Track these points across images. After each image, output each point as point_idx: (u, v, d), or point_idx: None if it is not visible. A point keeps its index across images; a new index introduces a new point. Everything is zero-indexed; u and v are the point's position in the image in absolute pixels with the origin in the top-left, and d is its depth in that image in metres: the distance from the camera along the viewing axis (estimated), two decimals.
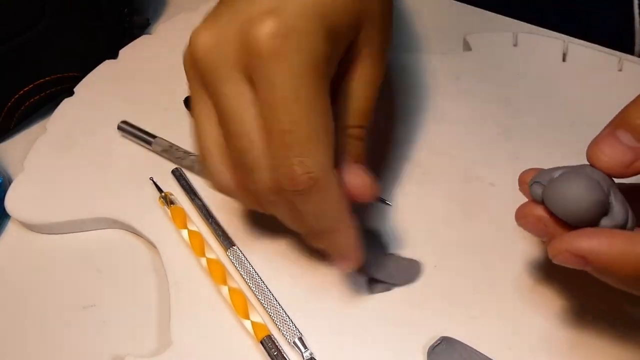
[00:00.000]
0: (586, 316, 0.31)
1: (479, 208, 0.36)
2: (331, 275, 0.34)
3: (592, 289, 0.30)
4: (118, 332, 0.34)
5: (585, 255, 0.23)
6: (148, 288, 0.35)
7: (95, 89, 0.45)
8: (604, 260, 0.23)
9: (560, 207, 0.24)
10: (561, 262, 0.24)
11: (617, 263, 0.23)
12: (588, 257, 0.23)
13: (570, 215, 0.24)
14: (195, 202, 0.37)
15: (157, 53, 0.47)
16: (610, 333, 0.31)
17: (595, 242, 0.23)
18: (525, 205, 0.27)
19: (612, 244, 0.23)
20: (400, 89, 0.42)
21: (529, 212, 0.26)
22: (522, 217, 0.27)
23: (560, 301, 0.32)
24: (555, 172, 0.26)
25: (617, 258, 0.23)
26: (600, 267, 0.24)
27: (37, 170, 0.40)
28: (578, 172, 0.25)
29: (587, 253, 0.23)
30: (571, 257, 0.24)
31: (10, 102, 0.43)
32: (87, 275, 0.36)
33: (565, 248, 0.24)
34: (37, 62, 0.44)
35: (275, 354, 0.31)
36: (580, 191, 0.24)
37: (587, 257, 0.23)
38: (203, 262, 0.34)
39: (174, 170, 0.39)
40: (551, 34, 0.45)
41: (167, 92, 0.44)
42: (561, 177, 0.25)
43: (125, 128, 0.42)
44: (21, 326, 0.35)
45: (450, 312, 0.32)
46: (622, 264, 0.23)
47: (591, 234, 0.24)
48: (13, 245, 0.39)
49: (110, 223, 0.38)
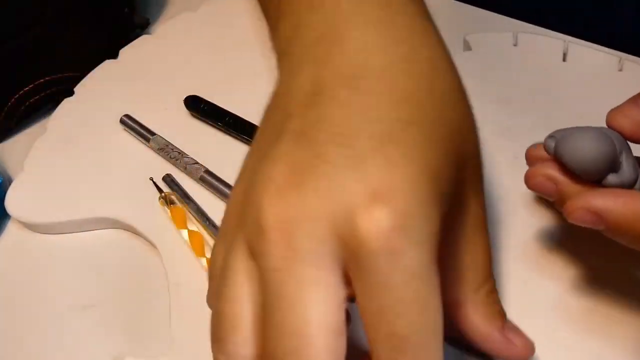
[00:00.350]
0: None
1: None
2: None
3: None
4: (118, 332, 0.34)
5: (600, 213, 0.24)
6: (148, 288, 0.35)
7: (95, 89, 0.45)
8: (618, 218, 0.24)
9: (570, 155, 0.25)
10: (576, 219, 0.25)
11: (630, 222, 0.24)
12: (603, 214, 0.24)
13: (579, 163, 0.25)
14: (191, 205, 0.37)
15: (157, 53, 0.47)
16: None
17: (610, 201, 0.24)
18: (535, 167, 0.27)
19: (627, 203, 0.24)
20: None
21: (538, 171, 0.27)
22: (531, 177, 0.27)
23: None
24: (562, 130, 0.27)
25: (630, 217, 0.24)
26: (614, 225, 0.24)
27: (37, 170, 0.40)
28: (593, 128, 0.26)
29: (603, 211, 0.24)
30: (587, 214, 0.25)
31: (10, 102, 0.43)
32: (87, 275, 0.36)
33: (582, 205, 0.25)
34: (37, 62, 0.44)
35: None
36: (592, 142, 0.25)
37: (602, 215, 0.24)
38: (203, 262, 0.34)
39: (164, 177, 0.39)
40: (551, 34, 0.45)
41: (167, 92, 0.44)
42: (576, 129, 0.26)
43: (127, 122, 0.42)
44: (21, 326, 0.35)
45: None
46: (635, 222, 0.24)
47: (607, 193, 0.25)
48: (13, 245, 0.39)
49: (110, 223, 0.38)
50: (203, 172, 0.39)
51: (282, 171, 0.22)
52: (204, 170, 0.39)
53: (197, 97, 0.43)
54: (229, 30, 0.49)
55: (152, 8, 0.53)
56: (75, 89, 0.45)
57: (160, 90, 0.45)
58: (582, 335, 0.30)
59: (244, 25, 0.50)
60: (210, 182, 0.38)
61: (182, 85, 0.44)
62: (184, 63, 0.47)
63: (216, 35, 0.49)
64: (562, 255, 0.33)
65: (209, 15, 0.51)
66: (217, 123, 0.42)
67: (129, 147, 0.41)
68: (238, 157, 0.41)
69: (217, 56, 0.47)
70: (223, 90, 0.44)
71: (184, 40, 0.49)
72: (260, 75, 0.45)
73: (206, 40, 0.48)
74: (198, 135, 0.42)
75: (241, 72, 0.46)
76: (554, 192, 0.27)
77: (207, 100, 0.43)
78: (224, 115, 0.42)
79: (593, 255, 0.32)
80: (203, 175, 0.38)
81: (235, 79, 0.45)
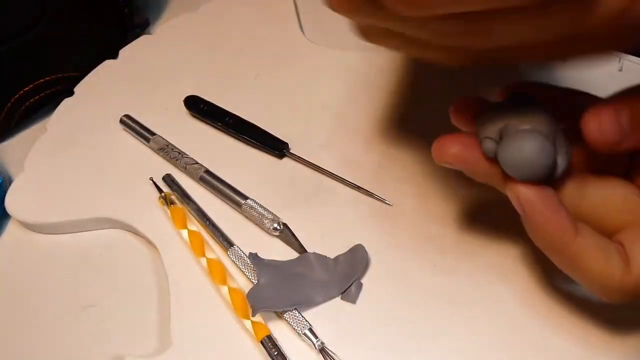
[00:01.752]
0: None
1: (479, 208, 0.36)
2: None
3: None
4: (118, 332, 0.34)
5: (523, 205, 0.26)
6: (148, 288, 0.35)
7: (95, 89, 0.45)
8: (536, 213, 0.25)
9: (513, 167, 0.25)
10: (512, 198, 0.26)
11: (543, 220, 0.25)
12: (524, 206, 0.26)
13: (522, 175, 0.25)
14: (190, 205, 0.37)
15: (157, 53, 0.48)
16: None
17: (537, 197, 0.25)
18: (471, 153, 0.27)
19: (548, 204, 0.25)
20: (401, 90, 0.42)
21: (476, 162, 0.27)
22: (464, 163, 0.27)
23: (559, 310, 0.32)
24: (499, 122, 0.26)
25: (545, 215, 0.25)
26: (529, 216, 0.26)
27: (37, 170, 0.40)
28: (531, 132, 0.25)
29: (525, 203, 0.26)
30: (516, 201, 0.26)
31: (10, 102, 0.43)
32: (87, 275, 0.36)
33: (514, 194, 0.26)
34: (37, 62, 0.44)
35: (276, 354, 0.31)
36: (536, 156, 0.25)
37: (524, 207, 0.26)
38: (203, 262, 0.34)
39: (164, 177, 0.39)
40: None
41: (167, 92, 0.44)
42: (516, 137, 0.25)
43: (127, 122, 0.42)
44: (21, 326, 0.35)
45: (450, 310, 0.32)
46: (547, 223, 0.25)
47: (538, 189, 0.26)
48: (13, 245, 0.39)
49: (110, 223, 0.38)
50: (203, 172, 0.39)
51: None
52: (204, 170, 0.39)
53: (197, 97, 0.43)
54: (229, 30, 0.49)
55: (152, 8, 0.53)
56: (75, 89, 0.45)
57: (160, 90, 0.45)
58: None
59: (244, 25, 0.50)
60: (210, 182, 0.38)
61: (182, 85, 0.44)
62: (184, 63, 0.47)
63: (216, 35, 0.49)
64: None
65: (209, 16, 0.51)
66: (217, 123, 0.42)
67: (129, 147, 0.42)
68: (238, 157, 0.41)
69: (217, 56, 0.47)
70: (223, 90, 0.44)
71: (184, 40, 0.49)
72: (260, 76, 0.46)
73: (206, 40, 0.48)
74: (198, 135, 0.42)
75: (241, 72, 0.46)
76: (485, 180, 0.27)
77: (207, 100, 0.43)
78: (224, 115, 0.42)
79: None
80: (203, 175, 0.38)
81: (235, 79, 0.45)
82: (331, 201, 0.37)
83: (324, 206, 0.37)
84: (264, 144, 0.40)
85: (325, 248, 0.35)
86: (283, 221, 0.36)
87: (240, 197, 0.37)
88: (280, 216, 0.36)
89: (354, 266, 0.33)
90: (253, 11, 0.51)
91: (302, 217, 0.36)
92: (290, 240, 0.35)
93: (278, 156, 0.40)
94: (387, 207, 0.36)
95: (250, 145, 0.41)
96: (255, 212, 0.36)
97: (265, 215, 0.36)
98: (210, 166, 0.39)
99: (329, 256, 0.34)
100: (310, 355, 0.31)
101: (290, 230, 0.35)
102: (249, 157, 0.40)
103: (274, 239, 0.36)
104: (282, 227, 0.35)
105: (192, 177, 0.39)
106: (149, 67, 0.46)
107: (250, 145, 0.41)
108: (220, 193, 0.38)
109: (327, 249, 0.34)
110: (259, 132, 0.40)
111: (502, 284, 0.33)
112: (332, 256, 0.34)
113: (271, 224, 0.36)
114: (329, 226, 0.36)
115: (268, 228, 0.36)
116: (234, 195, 0.37)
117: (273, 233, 0.36)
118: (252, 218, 0.36)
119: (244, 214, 0.37)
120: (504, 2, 0.21)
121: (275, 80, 0.45)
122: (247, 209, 0.36)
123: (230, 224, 0.37)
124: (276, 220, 0.36)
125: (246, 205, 0.36)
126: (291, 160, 0.40)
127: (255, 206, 0.36)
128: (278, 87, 0.44)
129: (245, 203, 0.37)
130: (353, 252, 0.34)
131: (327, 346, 0.31)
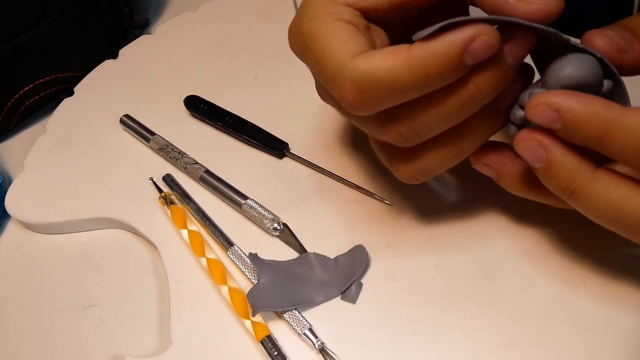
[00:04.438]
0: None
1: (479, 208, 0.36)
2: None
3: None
4: (118, 332, 0.34)
5: (560, 110, 0.25)
6: (148, 288, 0.36)
7: (95, 89, 0.45)
8: (577, 117, 0.25)
9: (569, 74, 0.26)
10: (536, 115, 0.25)
11: (586, 121, 0.25)
12: (563, 111, 0.25)
13: (581, 76, 0.26)
14: (190, 205, 0.37)
15: (157, 53, 0.48)
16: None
17: (572, 99, 0.25)
18: (524, 132, 0.27)
19: (588, 104, 0.25)
20: None
21: (528, 136, 0.27)
22: (521, 141, 0.27)
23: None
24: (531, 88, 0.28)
25: (587, 116, 0.25)
26: (571, 123, 0.25)
27: (37, 170, 0.41)
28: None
29: (564, 108, 0.25)
30: (547, 110, 0.25)
31: (10, 102, 0.43)
32: (87, 275, 0.36)
33: (544, 101, 0.25)
34: (37, 62, 0.44)
35: (276, 354, 0.31)
36: (591, 61, 0.26)
37: (562, 112, 0.25)
38: (203, 262, 0.34)
39: (164, 177, 0.39)
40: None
41: (167, 92, 0.44)
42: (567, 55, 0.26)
43: (127, 122, 0.42)
44: (21, 326, 0.35)
45: (450, 310, 0.32)
46: (590, 122, 0.25)
47: (569, 93, 0.25)
48: (13, 245, 0.39)
49: (110, 223, 0.38)
50: (203, 172, 0.39)
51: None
52: (204, 170, 0.39)
53: (197, 97, 0.43)
54: (229, 30, 0.49)
55: (152, 8, 0.53)
56: (75, 89, 0.45)
57: (160, 90, 0.45)
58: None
59: (243, 25, 0.50)
60: (210, 182, 0.38)
61: (182, 85, 0.44)
62: (183, 63, 0.47)
63: (216, 35, 0.49)
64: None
65: (209, 15, 0.51)
66: (217, 123, 0.42)
67: (128, 147, 0.42)
68: (238, 157, 0.41)
69: (217, 56, 0.47)
70: (223, 90, 0.44)
71: (184, 40, 0.49)
72: (260, 75, 0.46)
73: (206, 40, 0.49)
74: (198, 135, 0.42)
75: (241, 72, 0.46)
76: (542, 158, 0.27)
77: (207, 100, 0.43)
78: (224, 115, 0.42)
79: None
80: (203, 175, 0.38)
81: (235, 79, 0.45)
82: (331, 201, 0.37)
83: (324, 206, 0.37)
84: (264, 144, 0.40)
85: (325, 248, 0.35)
86: (283, 221, 0.36)
87: (240, 197, 0.37)
88: (280, 216, 0.36)
89: (354, 266, 0.33)
90: (253, 11, 0.51)
91: (302, 217, 0.36)
92: (290, 240, 0.35)
93: (278, 156, 0.40)
94: (387, 207, 0.36)
95: (250, 145, 0.41)
96: (255, 212, 0.36)
97: (265, 215, 0.36)
98: (210, 166, 0.39)
99: (329, 256, 0.34)
100: (310, 355, 0.31)
101: (290, 230, 0.35)
102: (249, 157, 0.40)
103: (274, 239, 0.36)
104: (282, 227, 0.36)
105: (192, 177, 0.39)
106: (149, 67, 0.46)
107: (250, 145, 0.41)
108: (220, 193, 0.38)
109: (327, 249, 0.34)
110: (259, 132, 0.40)
111: (502, 284, 0.33)
112: (332, 256, 0.34)
113: (271, 224, 0.36)
114: (329, 226, 0.36)
115: (268, 228, 0.36)
116: (234, 195, 0.37)
117: (273, 233, 0.36)
118: (252, 218, 0.36)
119: (244, 214, 0.37)
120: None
121: (275, 80, 0.45)
122: (247, 209, 0.36)
123: (230, 224, 0.37)
124: (276, 220, 0.36)
125: (246, 205, 0.36)
126: (291, 160, 0.40)
127: (255, 206, 0.36)
128: (278, 87, 0.44)
129: (245, 203, 0.37)
130: (353, 252, 0.34)
131: (327, 346, 0.31)
